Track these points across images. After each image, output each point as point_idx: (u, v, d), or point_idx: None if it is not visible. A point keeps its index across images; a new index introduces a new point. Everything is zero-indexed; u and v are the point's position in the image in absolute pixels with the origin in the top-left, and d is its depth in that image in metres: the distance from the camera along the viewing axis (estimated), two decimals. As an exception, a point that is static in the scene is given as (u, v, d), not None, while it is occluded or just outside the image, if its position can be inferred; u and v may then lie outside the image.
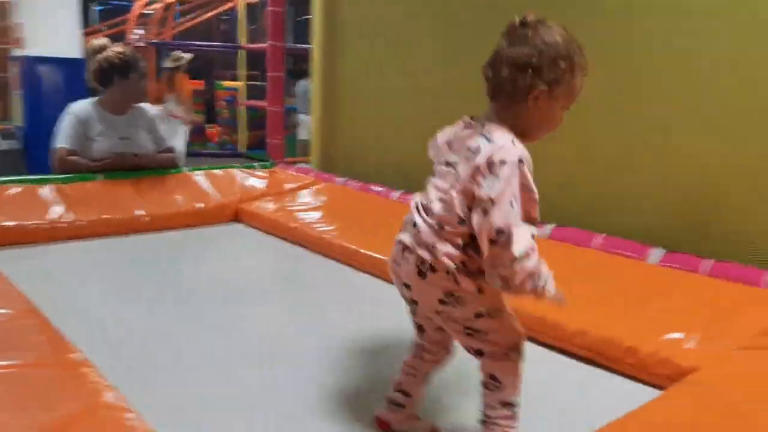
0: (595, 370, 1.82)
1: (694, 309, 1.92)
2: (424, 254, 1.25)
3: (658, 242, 2.39)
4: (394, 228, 2.85)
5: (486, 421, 1.31)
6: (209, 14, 8.02)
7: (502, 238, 1.15)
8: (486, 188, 1.17)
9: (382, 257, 2.53)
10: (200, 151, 6.57)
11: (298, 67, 7.14)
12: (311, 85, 4.26)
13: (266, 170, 3.86)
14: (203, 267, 2.69)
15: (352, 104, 3.95)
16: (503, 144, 1.20)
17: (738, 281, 2.09)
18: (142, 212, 3.05)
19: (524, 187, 1.19)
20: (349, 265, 2.66)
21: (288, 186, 3.62)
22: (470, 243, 1.23)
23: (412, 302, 1.36)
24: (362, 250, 2.63)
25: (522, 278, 1.17)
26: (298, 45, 6.72)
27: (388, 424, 1.43)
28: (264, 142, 4.50)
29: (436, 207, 1.26)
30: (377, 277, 2.51)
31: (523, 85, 1.23)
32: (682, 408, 1.40)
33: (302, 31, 6.79)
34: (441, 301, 1.26)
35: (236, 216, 3.33)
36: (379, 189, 3.45)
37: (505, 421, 1.29)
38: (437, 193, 1.28)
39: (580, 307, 1.95)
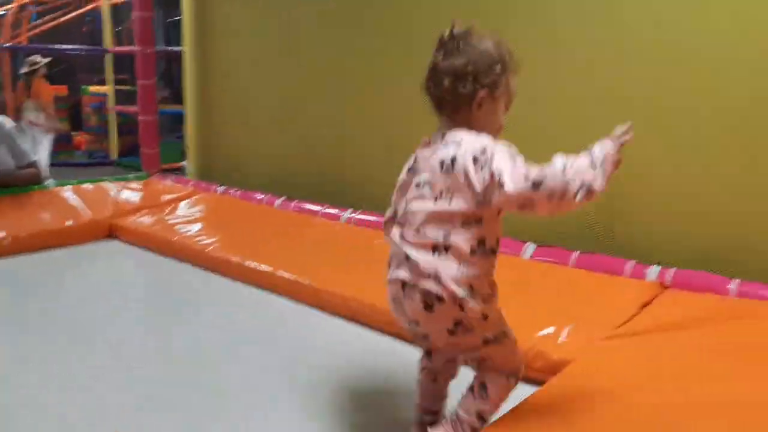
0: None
1: (562, 301, 2.04)
2: (430, 286, 1.21)
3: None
4: (278, 237, 2.87)
5: (455, 420, 1.33)
6: (70, 15, 7.54)
7: (538, 188, 1.13)
8: (487, 170, 1.16)
9: (267, 269, 2.50)
10: (68, 161, 6.16)
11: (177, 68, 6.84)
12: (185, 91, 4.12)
13: (141, 182, 3.69)
14: (71, 289, 2.52)
15: (230, 109, 3.86)
16: (472, 138, 1.23)
17: (603, 271, 2.25)
18: (2, 234, 2.83)
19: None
20: (234, 279, 2.60)
21: (165, 198, 3.48)
22: (478, 247, 1.21)
23: (424, 337, 1.34)
24: (246, 263, 2.58)
25: (587, 186, 1.14)
26: (171, 48, 6.46)
27: None
28: (137, 148, 4.29)
29: (428, 229, 1.23)
30: (263, 289, 2.47)
31: (465, 92, 1.26)
32: (560, 400, 1.48)
33: (176, 33, 6.54)
34: (450, 332, 1.25)
35: (110, 232, 3.16)
36: (262, 197, 3.40)
37: (471, 431, 1.32)
38: (421, 215, 1.25)
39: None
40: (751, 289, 1.99)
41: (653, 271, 2.16)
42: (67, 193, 3.30)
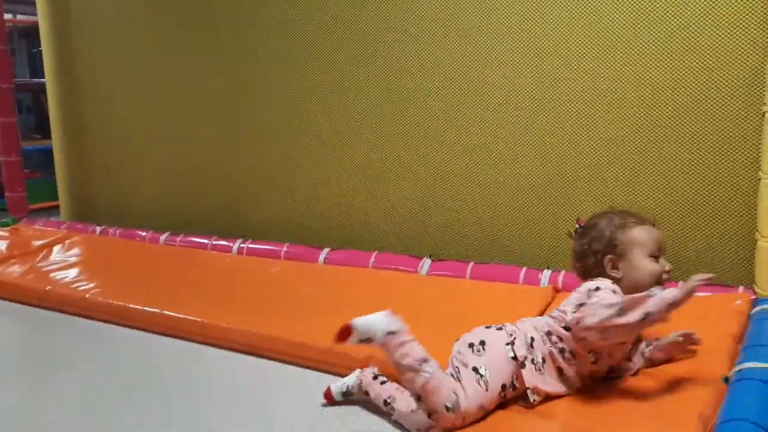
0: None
1: (463, 315, 2.04)
2: None
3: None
4: (164, 275, 2.72)
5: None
6: None
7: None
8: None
9: (154, 310, 2.35)
10: None
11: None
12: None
13: (7, 228, 3.39)
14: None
15: (106, 141, 3.63)
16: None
17: (498, 280, 2.28)
18: None
19: None
20: (120, 324, 2.43)
21: (36, 243, 3.21)
22: None
23: None
24: (132, 305, 2.42)
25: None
26: (36, 80, 6.03)
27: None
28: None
29: None
30: (152, 332, 2.32)
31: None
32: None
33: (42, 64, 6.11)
34: None
35: (-26, 287, 2.87)
36: (144, 234, 3.22)
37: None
38: None
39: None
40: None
41: (545, 276, 2.22)
42: None
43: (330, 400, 1.68)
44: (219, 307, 2.32)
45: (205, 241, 3.02)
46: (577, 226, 1.64)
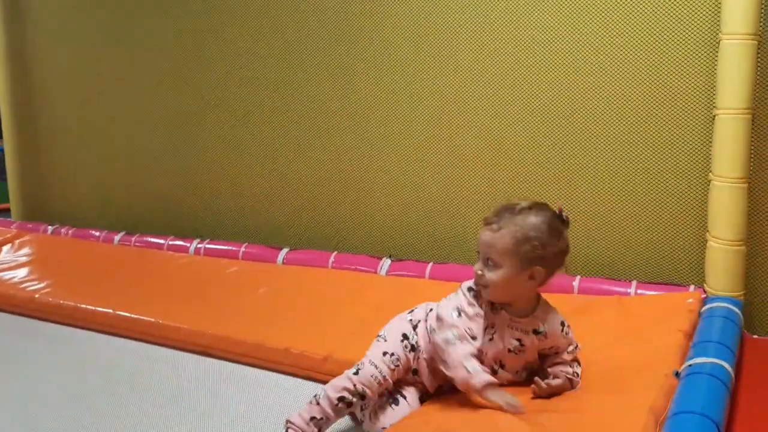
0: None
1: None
2: None
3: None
4: (118, 276, 2.65)
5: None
6: None
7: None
8: None
9: (106, 310, 2.29)
10: None
11: None
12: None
13: (-46, 228, 3.28)
14: None
15: (56, 140, 3.53)
16: None
17: (458, 280, 2.28)
18: None
19: None
20: (70, 325, 2.36)
21: (-16, 243, 3.11)
22: None
23: None
24: (83, 306, 2.36)
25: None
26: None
27: None
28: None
29: None
30: (104, 332, 2.26)
31: None
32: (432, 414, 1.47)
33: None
34: None
35: None
36: (98, 234, 3.14)
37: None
38: None
39: (325, 334, 1.98)
40: (591, 285, 2.11)
41: (503, 276, 2.23)
42: None
43: None
44: (173, 308, 2.28)
45: (161, 241, 2.96)
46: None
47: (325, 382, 1.54)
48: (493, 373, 1.45)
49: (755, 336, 1.91)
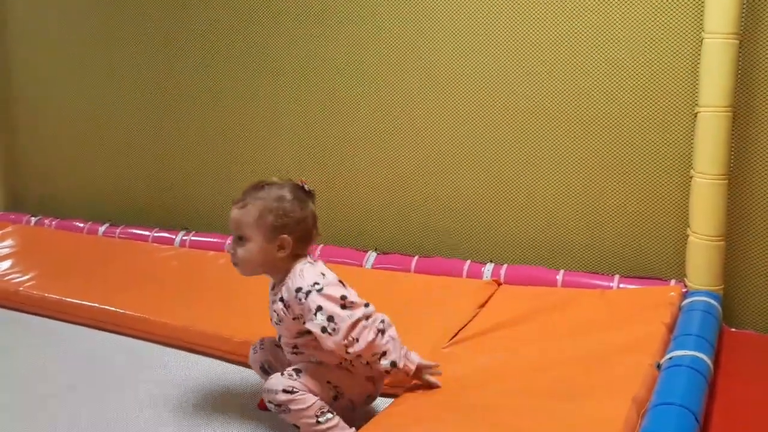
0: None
1: (406, 309, 2.05)
2: None
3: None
4: (104, 269, 2.64)
5: None
6: None
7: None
8: None
9: (91, 304, 2.29)
10: None
11: None
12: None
13: (-67, 219, 3.24)
14: None
15: (37, 129, 3.49)
16: None
17: (443, 274, 2.31)
18: None
19: None
20: (55, 318, 2.35)
21: (-35, 234, 3.08)
22: None
23: None
24: (68, 299, 2.35)
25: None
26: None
27: None
28: None
29: None
30: (89, 326, 2.26)
31: None
32: (423, 410, 1.48)
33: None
34: None
35: None
36: (82, 225, 3.12)
37: None
38: None
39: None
40: (575, 278, 2.14)
41: (488, 269, 2.26)
42: None
43: (265, 408, 1.56)
44: (156, 301, 2.28)
45: (146, 233, 2.95)
46: None
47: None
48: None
49: (733, 329, 1.95)
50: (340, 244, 2.63)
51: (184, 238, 2.86)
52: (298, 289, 1.44)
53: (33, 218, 3.28)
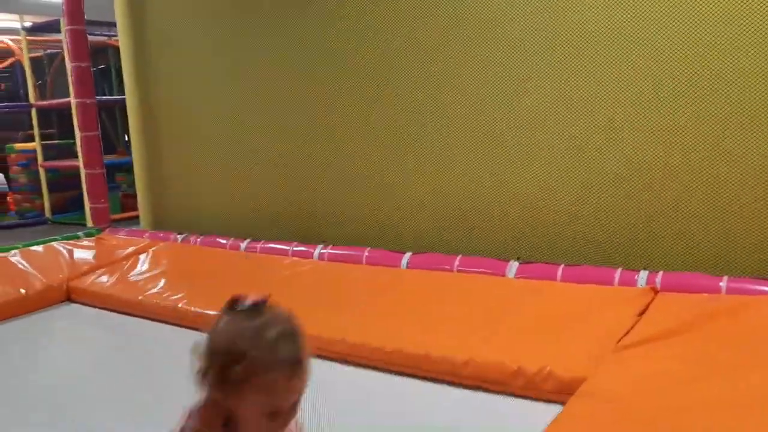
0: (486, 396, 1.82)
1: (560, 318, 2.02)
2: None
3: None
4: (249, 282, 2.73)
5: None
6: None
7: None
8: None
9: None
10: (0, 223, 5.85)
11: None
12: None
13: (92, 238, 3.50)
14: (32, 360, 2.31)
15: (180, 153, 3.71)
16: None
17: (592, 282, 2.25)
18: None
19: None
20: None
21: (122, 252, 3.28)
22: None
23: None
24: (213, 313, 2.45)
25: None
26: (102, 97, 6.24)
27: None
28: (72, 203, 4.07)
29: None
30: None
31: None
32: (587, 420, 1.45)
33: (102, 82, 6.31)
34: None
35: (68, 296, 2.95)
36: (225, 242, 3.28)
37: None
38: None
39: (460, 336, 1.99)
40: (741, 285, 2.02)
41: (642, 276, 2.18)
42: (15, 258, 3.10)
43: None
44: (312, 314, 2.33)
45: (286, 247, 3.06)
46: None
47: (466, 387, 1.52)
48: None
49: None
50: (477, 254, 2.61)
51: (323, 251, 2.93)
52: None
53: (179, 236, 3.46)
